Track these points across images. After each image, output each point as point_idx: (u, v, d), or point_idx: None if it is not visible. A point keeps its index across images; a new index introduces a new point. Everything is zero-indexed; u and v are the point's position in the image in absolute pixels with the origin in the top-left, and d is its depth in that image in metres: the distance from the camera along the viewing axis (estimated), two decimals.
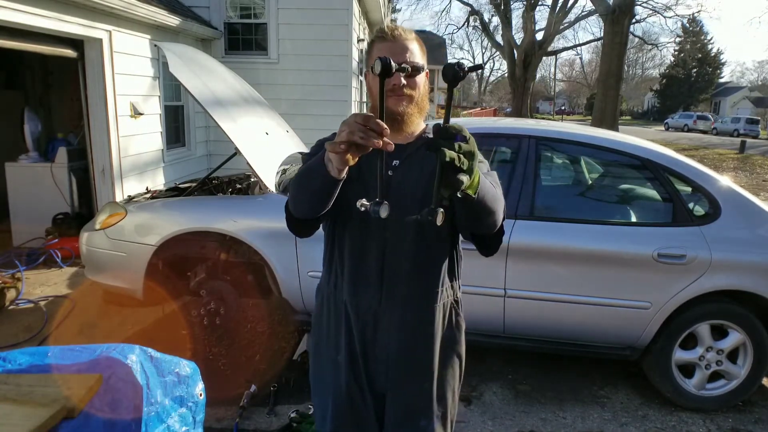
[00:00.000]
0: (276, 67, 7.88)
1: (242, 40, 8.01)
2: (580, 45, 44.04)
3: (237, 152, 3.42)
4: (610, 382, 3.43)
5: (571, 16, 27.92)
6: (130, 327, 3.81)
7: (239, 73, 4.81)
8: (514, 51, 26.21)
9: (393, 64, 1.11)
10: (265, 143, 3.88)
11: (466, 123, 3.93)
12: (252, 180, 4.17)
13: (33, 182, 5.65)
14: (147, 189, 4.51)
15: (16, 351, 1.56)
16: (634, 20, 18.25)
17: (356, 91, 9.09)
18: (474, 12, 29.27)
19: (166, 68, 4.78)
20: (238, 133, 3.48)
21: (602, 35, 16.06)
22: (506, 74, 32.76)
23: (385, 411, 1.51)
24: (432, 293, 1.48)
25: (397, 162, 1.43)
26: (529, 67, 25.97)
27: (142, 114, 5.96)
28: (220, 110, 3.53)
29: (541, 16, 34.99)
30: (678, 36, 44.65)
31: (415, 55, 1.40)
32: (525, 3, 26.78)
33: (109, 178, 5.49)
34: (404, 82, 1.37)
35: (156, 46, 4.75)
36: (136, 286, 3.41)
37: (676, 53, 48.76)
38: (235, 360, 3.10)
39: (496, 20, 29.72)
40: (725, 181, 3.14)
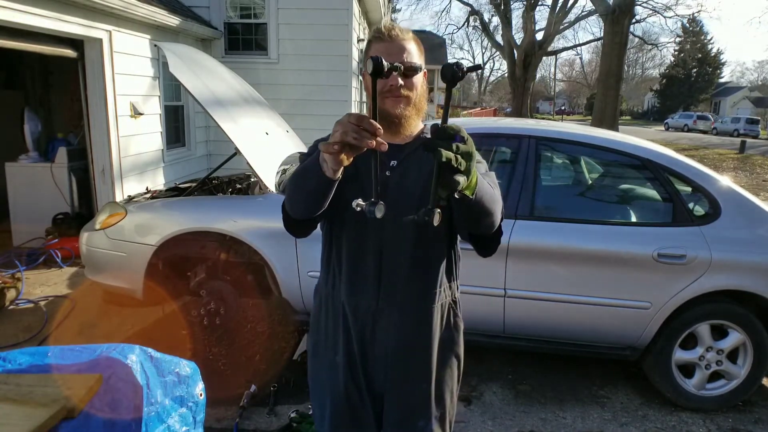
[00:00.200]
0: (276, 67, 7.88)
1: (242, 40, 8.01)
2: (580, 45, 44.21)
3: (237, 152, 3.43)
4: (610, 382, 3.43)
5: (571, 16, 27.96)
6: (130, 327, 3.81)
7: (239, 73, 4.82)
8: (514, 51, 26.20)
9: (385, 64, 1.11)
10: (265, 143, 3.89)
11: (465, 123, 3.93)
12: (252, 180, 4.17)
13: (33, 182, 5.65)
14: (147, 189, 4.51)
15: (16, 351, 1.56)
16: (634, 20, 18.26)
17: (356, 91, 9.09)
18: (474, 12, 29.27)
19: (166, 68, 4.78)
20: (238, 133, 3.49)
21: (602, 35, 16.07)
22: (506, 74, 32.79)
23: (384, 411, 1.51)
24: (430, 294, 1.48)
25: (395, 162, 1.42)
26: (529, 67, 25.97)
27: (142, 114, 5.97)
28: (220, 110, 3.53)
29: (541, 16, 35.03)
30: (678, 36, 44.63)
31: (413, 56, 1.38)
32: (525, 3, 26.76)
33: (109, 178, 5.49)
34: (401, 82, 1.36)
35: (156, 46, 4.75)
36: (136, 286, 3.41)
37: (676, 53, 48.72)
38: (235, 360, 3.10)
39: (496, 20, 29.79)
40: (725, 181, 3.14)
